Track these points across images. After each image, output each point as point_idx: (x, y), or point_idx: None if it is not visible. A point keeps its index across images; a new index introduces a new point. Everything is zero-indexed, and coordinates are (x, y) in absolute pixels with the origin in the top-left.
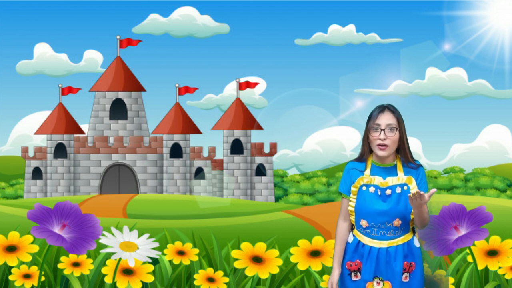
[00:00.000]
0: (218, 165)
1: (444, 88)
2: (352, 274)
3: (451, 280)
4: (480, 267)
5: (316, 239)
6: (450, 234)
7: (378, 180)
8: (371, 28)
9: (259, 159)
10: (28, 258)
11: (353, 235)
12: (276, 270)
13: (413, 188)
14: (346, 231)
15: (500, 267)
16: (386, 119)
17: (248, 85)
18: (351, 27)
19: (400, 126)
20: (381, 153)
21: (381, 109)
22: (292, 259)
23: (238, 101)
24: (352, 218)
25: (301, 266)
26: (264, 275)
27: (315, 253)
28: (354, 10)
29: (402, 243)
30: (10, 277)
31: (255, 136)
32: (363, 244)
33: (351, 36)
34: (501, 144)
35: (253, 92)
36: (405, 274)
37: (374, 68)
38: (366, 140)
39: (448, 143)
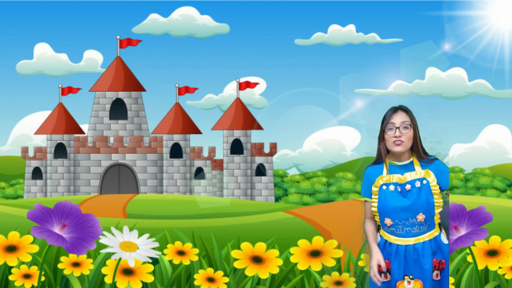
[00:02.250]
0: (218, 165)
1: (444, 88)
2: (382, 275)
3: (451, 280)
4: (480, 267)
5: (316, 239)
6: (450, 234)
7: (396, 177)
8: (371, 28)
9: (259, 159)
10: (28, 258)
11: (380, 236)
12: (276, 270)
13: (432, 181)
14: (373, 226)
15: (500, 267)
16: (400, 117)
17: (248, 85)
18: (351, 27)
19: (414, 124)
20: (397, 148)
21: (394, 109)
22: (292, 259)
23: (238, 101)
24: (377, 218)
25: (301, 266)
26: (264, 275)
27: (315, 253)
28: (354, 10)
29: (429, 239)
30: (10, 277)
31: (255, 136)
32: (390, 243)
33: (351, 36)
34: (501, 144)
35: (253, 92)
36: (435, 272)
37: (374, 68)
38: (381, 141)
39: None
